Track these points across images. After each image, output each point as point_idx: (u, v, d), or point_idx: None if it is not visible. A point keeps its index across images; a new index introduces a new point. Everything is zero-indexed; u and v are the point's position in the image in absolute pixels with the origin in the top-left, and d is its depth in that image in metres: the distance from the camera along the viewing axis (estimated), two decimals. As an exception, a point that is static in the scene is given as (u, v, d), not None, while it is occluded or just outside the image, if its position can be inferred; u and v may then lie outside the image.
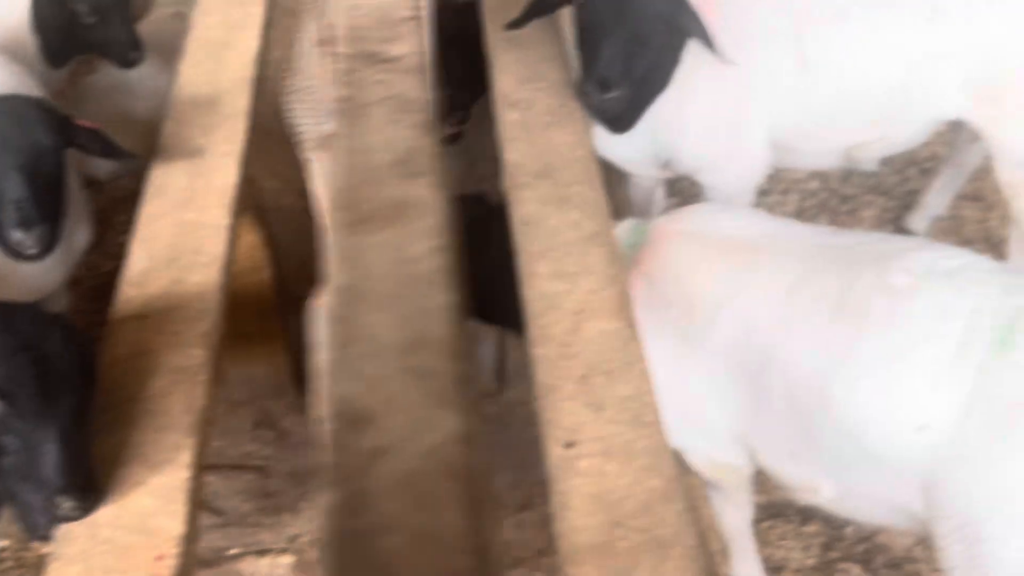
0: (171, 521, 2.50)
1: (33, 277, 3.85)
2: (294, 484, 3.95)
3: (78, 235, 4.00)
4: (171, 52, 5.79)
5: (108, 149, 3.61)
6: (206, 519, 3.84)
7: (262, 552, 3.70)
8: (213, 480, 3.98)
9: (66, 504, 2.45)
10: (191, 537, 2.51)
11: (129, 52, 4.91)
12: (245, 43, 4.31)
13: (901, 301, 2.87)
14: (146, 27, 5.94)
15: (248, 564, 3.63)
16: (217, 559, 3.67)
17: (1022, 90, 4.18)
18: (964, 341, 2.78)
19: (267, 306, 4.06)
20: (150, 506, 2.53)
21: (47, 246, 3.45)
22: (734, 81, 3.91)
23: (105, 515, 2.52)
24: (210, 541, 3.76)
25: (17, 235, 3.35)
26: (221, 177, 3.59)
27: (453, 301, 0.52)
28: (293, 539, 3.74)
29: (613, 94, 3.61)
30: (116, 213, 5.52)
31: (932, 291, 2.87)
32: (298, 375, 4.32)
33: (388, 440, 0.44)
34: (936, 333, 2.82)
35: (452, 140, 5.03)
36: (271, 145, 4.42)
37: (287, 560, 3.66)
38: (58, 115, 3.55)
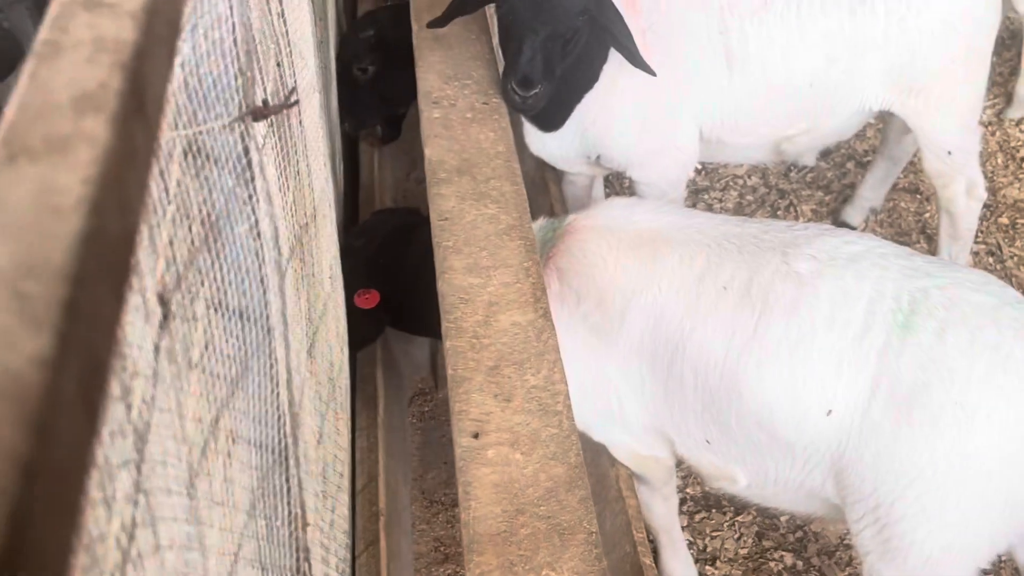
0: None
1: None
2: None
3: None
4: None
5: None
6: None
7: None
8: None
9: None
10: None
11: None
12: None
13: (805, 287, 2.89)
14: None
15: None
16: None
17: (944, 81, 4.22)
18: (866, 325, 2.81)
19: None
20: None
21: None
22: (661, 77, 3.94)
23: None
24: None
25: None
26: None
27: (83, 230, 0.52)
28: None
29: (535, 91, 3.63)
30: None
31: (834, 276, 2.89)
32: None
33: None
34: (839, 318, 2.85)
35: (387, 140, 5.06)
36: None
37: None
38: None
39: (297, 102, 2.05)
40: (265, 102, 1.56)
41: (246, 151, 1.46)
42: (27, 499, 0.50)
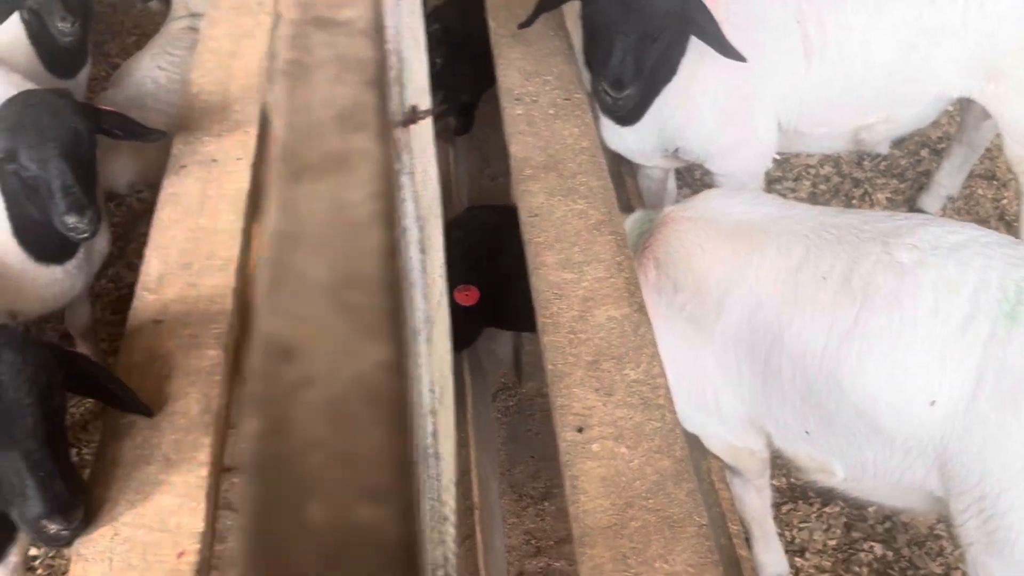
0: (192, 519, 2.54)
1: (54, 284, 3.91)
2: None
3: (99, 243, 4.05)
4: (183, 64, 5.88)
5: (133, 130, 3.67)
6: (230, 519, 3.89)
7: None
8: (237, 481, 4.02)
9: (51, 528, 2.42)
10: (211, 534, 2.55)
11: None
12: (252, 51, 4.37)
13: (907, 277, 2.88)
14: (160, 39, 6.04)
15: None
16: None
17: (1025, 65, 4.18)
18: (971, 315, 2.79)
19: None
20: (171, 505, 2.58)
21: (96, 228, 3.50)
22: (740, 69, 3.93)
23: (127, 514, 2.56)
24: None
25: (71, 219, 3.41)
26: (233, 183, 3.64)
27: (386, 242, 0.55)
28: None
29: (627, 92, 3.65)
30: (136, 226, 5.58)
31: (938, 266, 2.87)
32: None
33: (313, 370, 0.46)
34: (942, 308, 2.83)
35: (459, 132, 5.09)
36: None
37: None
38: (82, 102, 3.62)
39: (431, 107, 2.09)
40: (414, 108, 1.59)
41: (399, 155, 1.49)
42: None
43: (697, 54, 3.98)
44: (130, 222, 5.78)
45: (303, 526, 0.47)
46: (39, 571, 4.04)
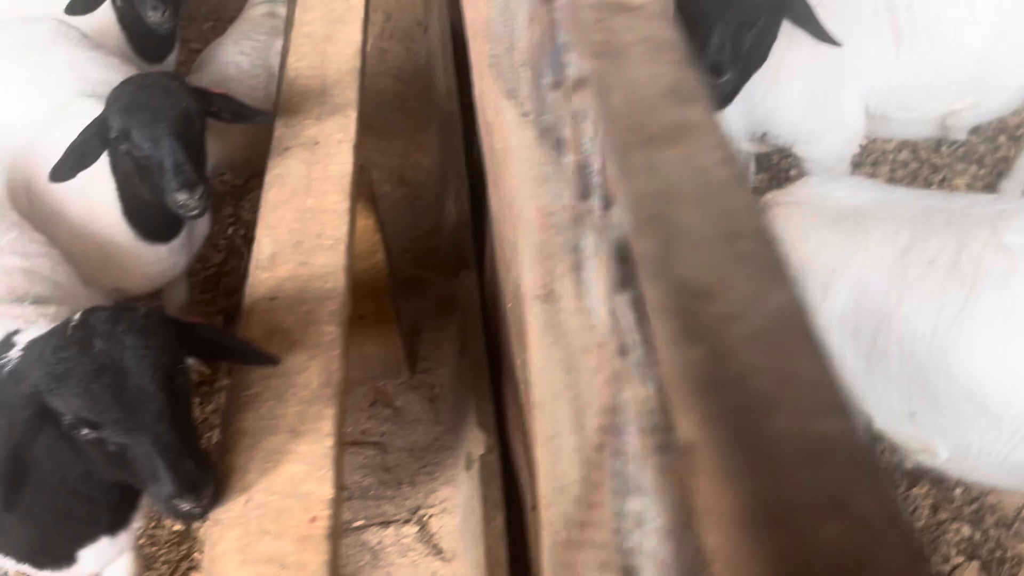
0: (321, 486, 2.63)
1: (159, 262, 4.04)
2: (411, 459, 4.09)
3: (200, 223, 4.17)
4: (265, 49, 6.00)
5: (241, 112, 3.77)
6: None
7: (386, 523, 3.84)
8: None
9: (184, 506, 2.50)
10: (339, 501, 2.65)
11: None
12: (347, 36, 4.46)
13: (1016, 260, 2.92)
14: (241, 25, 6.16)
15: (373, 535, 3.78)
16: (344, 530, 3.83)
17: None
18: (1081, 296, 2.83)
19: (381, 288, 4.20)
20: (299, 473, 2.67)
21: (207, 206, 3.61)
22: (830, 54, 3.97)
23: (258, 482, 2.66)
24: (335, 515, 3.91)
25: (182, 197, 3.51)
26: (337, 165, 3.74)
27: (751, 201, 0.60)
28: (415, 511, 3.88)
29: (726, 78, 3.71)
30: (221, 207, 5.71)
31: (1046, 249, 2.91)
32: (410, 355, 4.47)
33: (732, 308, 0.51)
34: (1052, 290, 2.87)
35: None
36: (368, 137, 4.57)
37: (411, 530, 3.80)
38: (192, 85, 3.74)
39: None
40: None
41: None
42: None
43: (786, 39, 4.02)
44: (214, 204, 5.91)
45: (771, 435, 0.54)
46: (141, 540, 4.17)
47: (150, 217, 3.89)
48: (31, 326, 2.94)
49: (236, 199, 5.82)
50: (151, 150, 3.56)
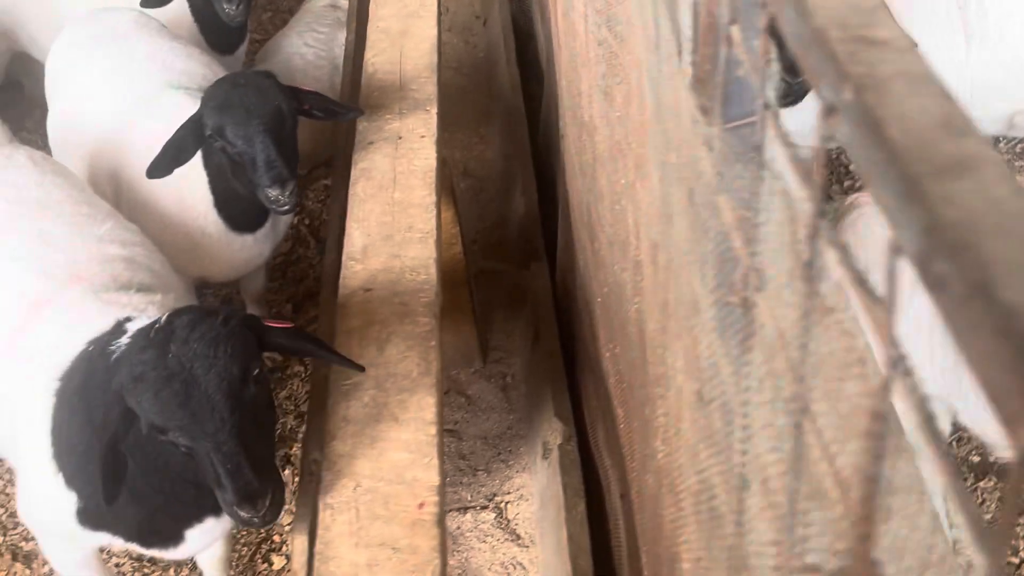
0: (427, 473, 2.73)
1: (245, 251, 4.15)
2: (486, 447, 4.18)
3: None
4: (329, 41, 6.09)
5: (331, 109, 3.87)
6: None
7: (464, 509, 3.94)
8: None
9: (242, 515, 2.58)
10: (443, 487, 2.74)
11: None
12: (422, 31, 4.55)
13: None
14: (304, 17, 6.25)
15: (452, 520, 3.88)
16: (423, 516, 3.93)
17: None
18: None
19: (459, 279, 4.29)
20: (405, 460, 2.77)
21: (297, 201, 3.72)
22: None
23: (365, 468, 2.76)
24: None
25: (273, 192, 3.61)
26: (421, 160, 3.83)
27: None
28: (491, 497, 3.98)
29: (800, 79, 3.77)
30: (287, 197, 5.78)
31: None
32: (483, 344, 4.56)
33: None
34: None
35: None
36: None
37: (488, 516, 3.90)
38: (285, 84, 3.84)
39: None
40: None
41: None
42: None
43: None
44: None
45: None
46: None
47: (239, 208, 4.00)
48: (141, 314, 3.05)
49: (300, 189, 5.91)
50: (244, 147, 3.67)
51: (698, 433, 1.62)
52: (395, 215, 3.59)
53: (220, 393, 2.57)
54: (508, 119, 5.37)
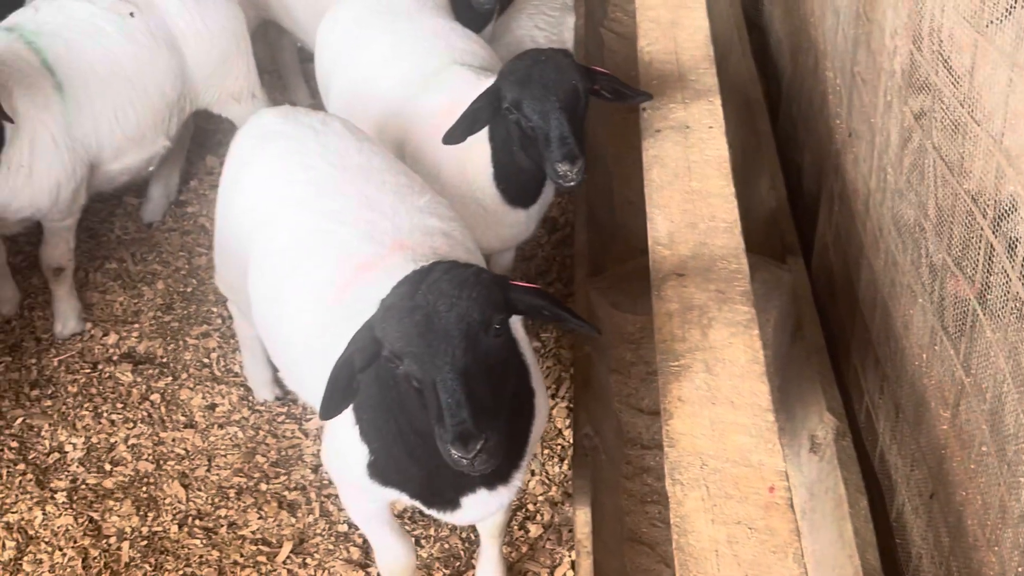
0: (772, 458, 2.81)
1: (516, 225, 4.30)
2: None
3: (548, 192, 4.36)
4: (558, 25, 6.19)
5: (622, 92, 3.98)
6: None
7: (727, 495, 4.01)
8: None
9: (453, 453, 2.65)
10: (786, 474, 2.80)
11: None
12: (694, 22, 4.61)
13: None
14: (532, 0, 6.36)
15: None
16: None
17: None
18: None
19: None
20: (747, 443, 2.85)
21: (583, 178, 3.82)
22: None
23: (708, 448, 2.84)
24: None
25: (563, 167, 3.74)
26: (712, 149, 3.90)
27: None
28: (753, 485, 4.04)
29: None
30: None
31: None
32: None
33: None
34: None
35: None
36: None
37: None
38: (581, 64, 3.95)
39: None
40: None
41: None
42: None
43: None
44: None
45: None
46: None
47: (517, 184, 4.13)
48: None
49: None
50: (539, 122, 3.79)
51: None
52: (695, 203, 3.67)
53: (457, 331, 2.68)
54: (746, 111, 5.41)
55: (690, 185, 3.75)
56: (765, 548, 2.60)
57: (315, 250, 3.41)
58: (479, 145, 4.07)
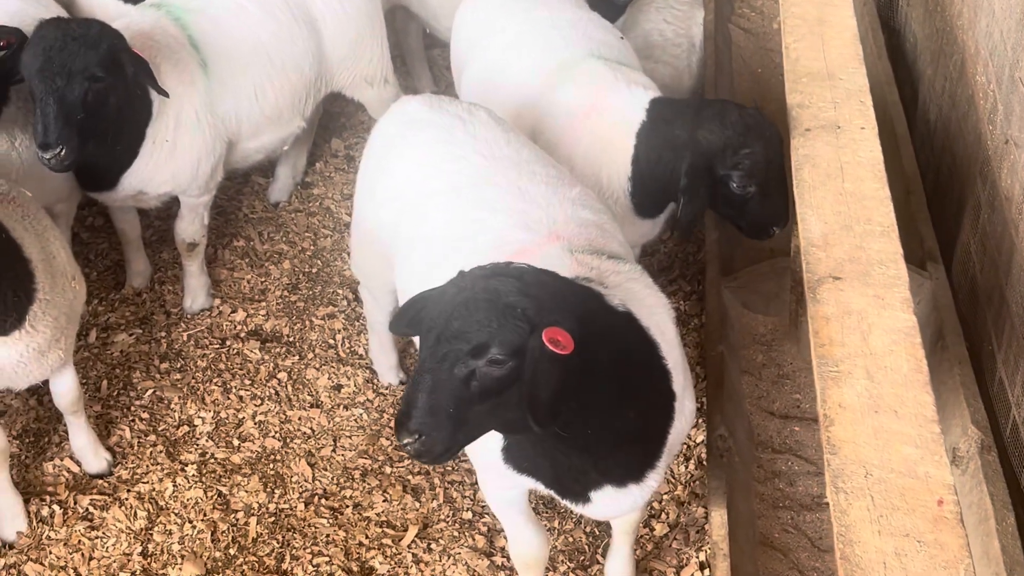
0: (939, 470, 2.73)
1: (641, 234, 4.37)
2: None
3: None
4: (687, 19, 6.10)
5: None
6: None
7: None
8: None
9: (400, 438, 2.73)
10: (956, 488, 2.72)
11: None
12: (840, 20, 4.52)
13: None
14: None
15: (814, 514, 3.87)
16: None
17: None
18: None
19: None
20: (913, 455, 2.78)
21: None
22: None
23: (872, 457, 2.77)
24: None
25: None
26: (865, 151, 3.82)
27: None
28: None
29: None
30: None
31: None
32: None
33: None
34: None
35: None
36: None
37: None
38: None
39: None
40: None
41: None
42: None
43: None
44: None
45: None
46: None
47: (650, 199, 4.17)
48: (605, 281, 3.14)
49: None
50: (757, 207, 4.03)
51: None
52: (849, 205, 3.59)
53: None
54: (882, 113, 5.28)
55: (843, 187, 3.67)
56: (935, 563, 2.53)
57: (468, 238, 3.40)
58: (621, 156, 4.06)
